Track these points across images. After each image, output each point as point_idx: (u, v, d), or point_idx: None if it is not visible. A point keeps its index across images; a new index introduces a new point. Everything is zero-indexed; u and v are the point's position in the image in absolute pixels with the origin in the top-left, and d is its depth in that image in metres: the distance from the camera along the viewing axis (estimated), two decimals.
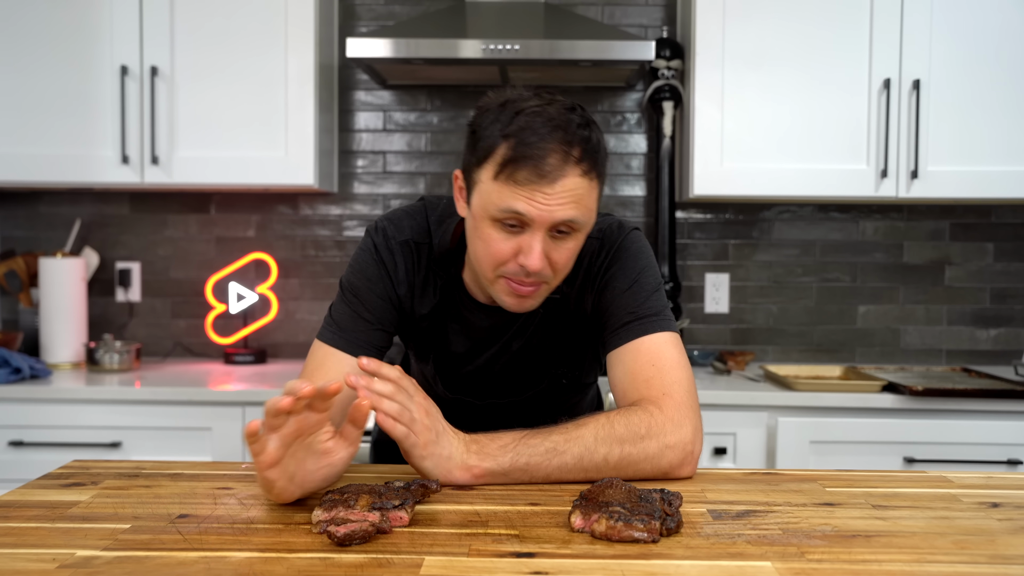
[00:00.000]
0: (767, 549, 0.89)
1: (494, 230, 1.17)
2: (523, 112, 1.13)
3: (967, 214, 2.89)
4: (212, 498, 1.06)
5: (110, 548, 0.88)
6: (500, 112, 1.15)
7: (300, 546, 0.89)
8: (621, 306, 1.26)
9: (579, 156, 1.13)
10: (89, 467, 1.20)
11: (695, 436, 1.19)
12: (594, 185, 1.17)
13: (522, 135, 1.12)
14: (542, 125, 1.12)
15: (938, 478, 1.19)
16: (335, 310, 1.32)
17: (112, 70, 2.56)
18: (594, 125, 1.17)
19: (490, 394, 1.39)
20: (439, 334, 1.36)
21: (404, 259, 1.31)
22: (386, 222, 1.33)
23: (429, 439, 1.08)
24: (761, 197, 2.62)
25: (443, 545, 0.89)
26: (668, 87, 2.76)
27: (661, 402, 1.19)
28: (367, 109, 2.94)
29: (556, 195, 1.12)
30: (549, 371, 1.37)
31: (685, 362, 1.25)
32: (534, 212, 1.13)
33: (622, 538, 0.90)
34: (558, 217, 1.13)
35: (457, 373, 1.38)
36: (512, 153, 1.12)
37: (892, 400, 2.30)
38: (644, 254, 1.30)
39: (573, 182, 1.13)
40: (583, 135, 1.14)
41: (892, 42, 2.52)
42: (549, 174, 1.11)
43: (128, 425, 2.34)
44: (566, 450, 1.12)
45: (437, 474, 1.09)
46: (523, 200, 1.12)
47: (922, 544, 0.91)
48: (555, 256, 1.17)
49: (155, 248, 2.95)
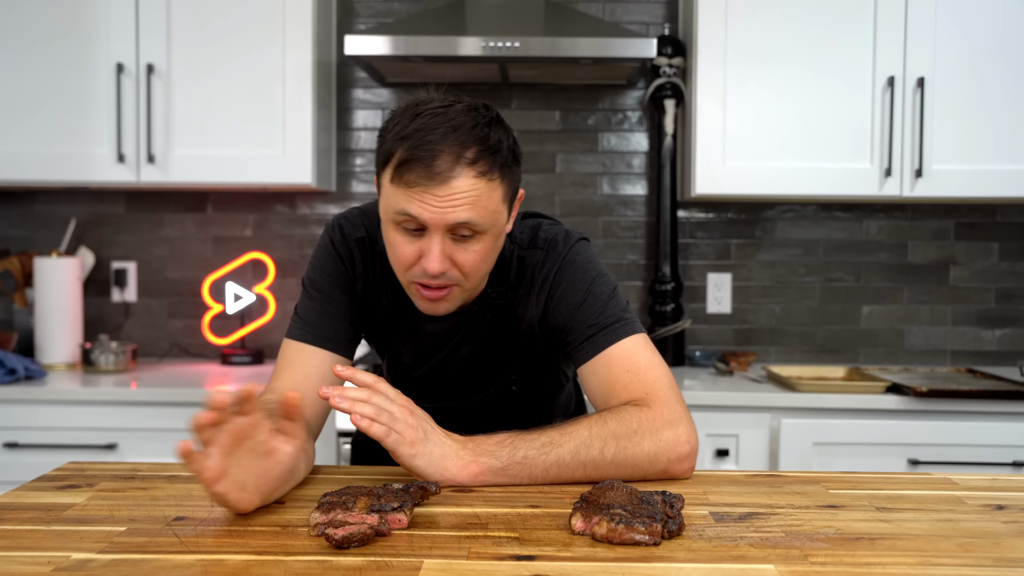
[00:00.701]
0: (770, 552, 0.89)
1: (397, 234, 1.18)
2: (421, 114, 1.14)
3: (972, 213, 2.89)
4: (209, 500, 1.05)
5: (106, 551, 0.88)
6: (402, 115, 1.16)
7: (297, 549, 0.89)
8: (580, 320, 1.26)
9: (473, 157, 1.13)
10: (84, 469, 1.20)
11: (689, 433, 1.19)
12: (494, 186, 1.15)
13: (415, 137, 1.12)
14: (437, 126, 1.12)
15: (943, 480, 1.19)
16: (300, 308, 1.33)
17: (108, 68, 2.56)
18: (498, 125, 1.17)
19: (438, 397, 1.40)
20: (391, 335, 1.37)
21: (360, 255, 1.32)
22: (342, 219, 1.35)
23: (416, 437, 1.09)
24: (764, 196, 2.62)
25: (442, 548, 0.89)
26: (670, 85, 2.76)
27: (648, 400, 1.20)
28: (366, 107, 2.94)
29: (448, 197, 1.12)
30: (498, 376, 1.38)
31: (659, 360, 1.25)
32: (426, 214, 1.13)
33: (623, 541, 0.90)
34: (451, 219, 1.13)
35: (408, 376, 1.40)
36: (405, 155, 1.13)
37: (896, 401, 2.30)
38: (591, 264, 1.30)
39: (467, 183, 1.12)
40: (479, 135, 1.13)
41: (896, 39, 2.52)
42: (439, 175, 1.12)
43: (124, 427, 2.34)
44: (562, 443, 1.13)
45: (431, 472, 1.09)
46: (415, 202, 1.13)
47: (926, 547, 0.91)
48: (461, 258, 1.17)
49: (151, 248, 2.95)
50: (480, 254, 1.18)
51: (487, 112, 1.18)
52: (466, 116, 1.15)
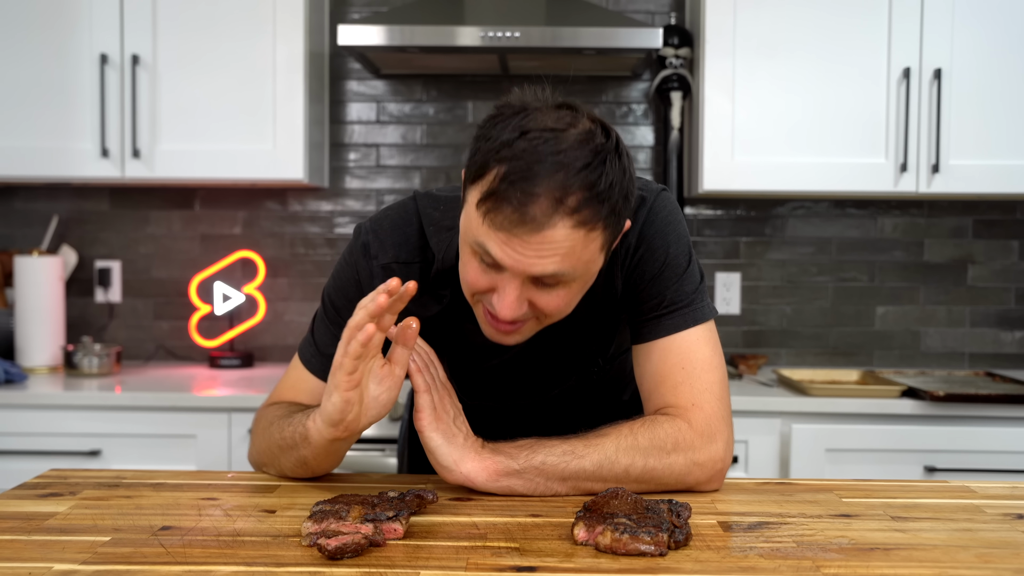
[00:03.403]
0: (780, 563, 0.89)
1: (473, 259, 1.08)
2: (528, 133, 1.01)
3: (991, 210, 2.89)
4: (196, 509, 1.05)
5: (89, 562, 0.88)
6: (508, 123, 1.03)
7: (289, 559, 0.89)
8: (651, 293, 1.20)
9: (575, 205, 1.00)
10: (67, 476, 1.20)
11: (726, 451, 1.17)
12: (595, 236, 1.03)
13: (515, 165, 1.00)
14: (543, 158, 0.99)
15: (960, 488, 1.19)
16: (317, 326, 1.29)
17: (91, 58, 2.56)
18: (614, 162, 1.03)
19: (513, 395, 1.36)
20: (454, 335, 1.30)
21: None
22: (371, 235, 1.25)
23: (443, 412, 1.10)
24: (774, 192, 2.62)
25: (439, 559, 0.89)
26: (676, 77, 2.76)
27: (690, 414, 1.17)
28: (359, 100, 2.94)
29: (536, 246, 1.01)
30: (581, 365, 1.33)
31: (718, 360, 1.21)
32: (508, 261, 1.03)
33: (628, 551, 0.90)
34: (535, 271, 1.03)
35: (479, 369, 1.33)
36: (497, 185, 1.00)
37: (912, 406, 2.30)
38: (671, 224, 1.21)
39: (562, 234, 1.01)
40: (588, 179, 1.00)
41: (912, 29, 2.52)
42: (531, 222, 1.00)
43: (108, 432, 2.34)
44: (585, 455, 1.11)
45: (444, 455, 1.08)
46: (497, 244, 1.02)
47: (944, 558, 0.91)
48: (541, 302, 1.08)
49: (136, 246, 2.95)
50: (564, 299, 1.09)
51: (605, 143, 1.03)
52: (579, 150, 1.00)
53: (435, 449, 1.09)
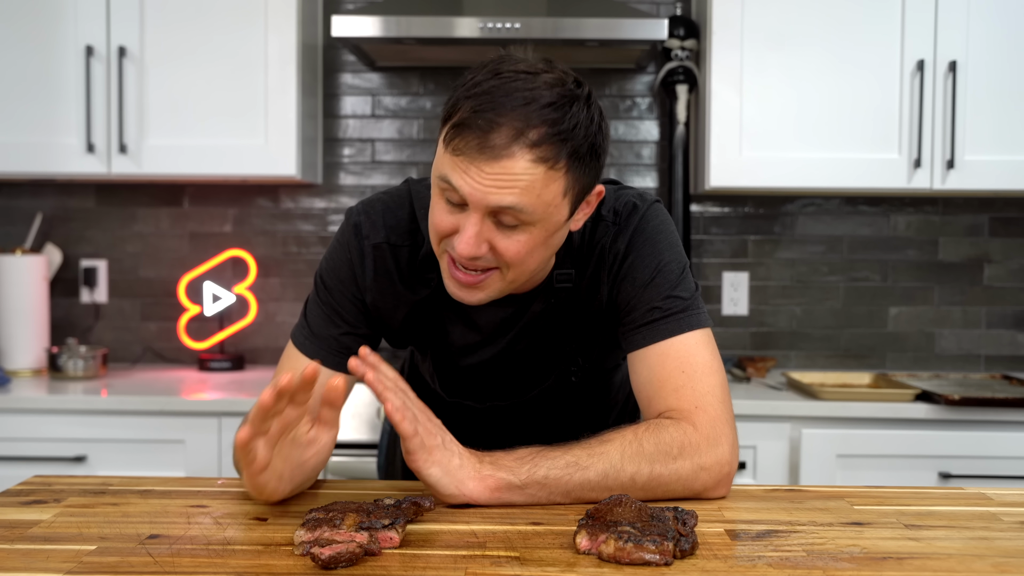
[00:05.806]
0: (790, 573, 0.89)
1: (439, 199, 1.13)
2: (501, 74, 1.08)
3: (1008, 208, 2.90)
4: (185, 517, 1.06)
5: (74, 571, 0.88)
6: (483, 68, 1.10)
7: (281, 569, 0.89)
8: (644, 301, 1.23)
9: (536, 139, 1.06)
10: (51, 483, 1.20)
11: (732, 455, 1.17)
12: (555, 176, 1.08)
13: (482, 98, 1.07)
14: (511, 92, 1.06)
15: (976, 495, 1.19)
16: (310, 309, 1.33)
17: (76, 50, 2.56)
18: (583, 108, 1.09)
19: (492, 394, 1.38)
20: (431, 331, 1.34)
21: (373, 264, 1.28)
22: (362, 216, 1.29)
23: (435, 444, 1.09)
24: (783, 189, 2.62)
25: (437, 568, 0.89)
26: (682, 69, 2.76)
27: (694, 416, 1.17)
28: (354, 93, 2.94)
29: (495, 175, 1.06)
30: (559, 367, 1.35)
31: (717, 364, 1.22)
32: (467, 188, 1.07)
33: (632, 561, 0.90)
34: (492, 201, 1.07)
35: (456, 367, 1.36)
36: (463, 117, 1.07)
37: (926, 410, 2.30)
38: (662, 233, 1.25)
39: (521, 166, 1.06)
40: (552, 116, 1.06)
41: (926, 20, 2.52)
42: (490, 149, 1.05)
43: (94, 437, 2.34)
44: (589, 465, 1.11)
45: (446, 483, 1.08)
46: (459, 172, 1.08)
47: (959, 567, 0.91)
48: (501, 245, 1.11)
49: (123, 245, 2.95)
50: (525, 246, 1.12)
51: (576, 90, 1.10)
52: (548, 90, 1.07)
53: (435, 483, 1.09)
